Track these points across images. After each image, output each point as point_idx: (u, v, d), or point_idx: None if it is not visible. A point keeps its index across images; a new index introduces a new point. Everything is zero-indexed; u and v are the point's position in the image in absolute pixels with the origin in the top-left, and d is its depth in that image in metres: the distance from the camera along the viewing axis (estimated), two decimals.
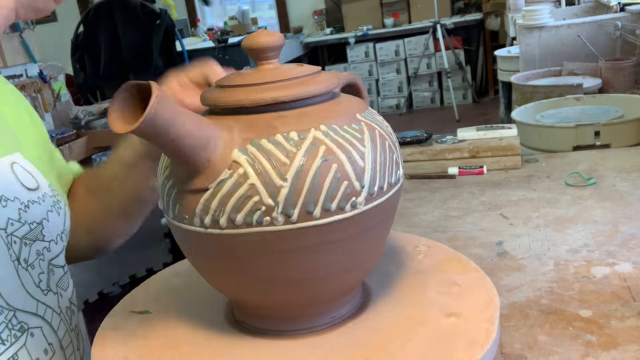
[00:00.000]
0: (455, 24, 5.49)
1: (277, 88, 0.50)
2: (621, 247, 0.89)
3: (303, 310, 0.55)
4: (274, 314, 0.56)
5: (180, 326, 0.59)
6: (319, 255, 0.50)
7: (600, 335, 0.68)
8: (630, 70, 2.25)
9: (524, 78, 2.51)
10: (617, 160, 1.27)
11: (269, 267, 0.50)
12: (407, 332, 0.54)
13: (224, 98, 0.51)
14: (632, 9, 2.57)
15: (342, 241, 0.50)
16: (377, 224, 0.53)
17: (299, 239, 0.48)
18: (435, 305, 0.58)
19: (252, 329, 0.57)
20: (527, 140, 1.63)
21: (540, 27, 2.76)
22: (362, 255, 0.53)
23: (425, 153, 1.35)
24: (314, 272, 0.51)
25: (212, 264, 0.53)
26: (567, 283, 0.80)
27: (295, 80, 0.51)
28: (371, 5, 5.79)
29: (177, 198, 0.50)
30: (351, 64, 5.79)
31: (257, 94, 0.50)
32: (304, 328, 0.55)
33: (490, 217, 1.06)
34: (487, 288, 0.60)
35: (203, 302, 0.62)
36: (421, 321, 0.55)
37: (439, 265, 0.65)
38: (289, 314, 0.55)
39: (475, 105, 5.58)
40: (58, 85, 2.96)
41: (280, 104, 0.50)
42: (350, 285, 0.56)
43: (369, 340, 0.53)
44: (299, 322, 0.55)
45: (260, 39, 0.53)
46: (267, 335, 0.55)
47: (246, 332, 0.56)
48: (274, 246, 0.48)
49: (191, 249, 0.54)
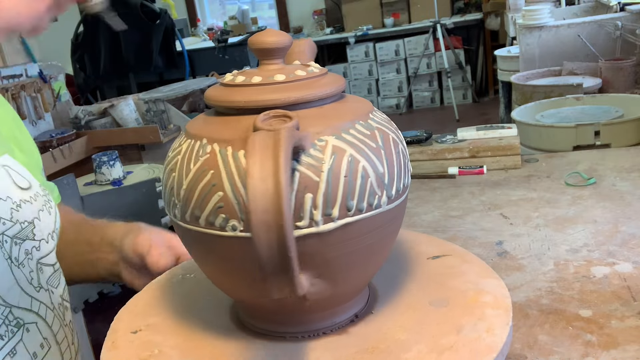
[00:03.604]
0: (455, 23, 5.49)
1: (288, 89, 0.50)
2: (621, 247, 0.89)
3: (308, 313, 0.55)
4: (279, 317, 0.55)
5: (185, 327, 0.59)
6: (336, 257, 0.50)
7: (600, 335, 0.68)
8: (630, 70, 2.25)
9: (524, 78, 2.51)
10: (617, 160, 1.27)
11: None
12: (412, 336, 0.54)
13: (228, 97, 0.51)
14: (632, 9, 2.57)
15: (358, 243, 0.50)
16: (393, 224, 0.53)
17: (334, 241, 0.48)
18: (441, 309, 0.57)
19: (257, 330, 0.56)
20: (527, 140, 1.63)
21: (540, 27, 2.76)
22: (372, 256, 0.53)
23: (425, 153, 1.35)
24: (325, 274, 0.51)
25: (217, 265, 0.53)
26: (567, 283, 0.80)
27: (305, 82, 0.51)
28: (371, 5, 5.79)
29: (183, 198, 0.50)
30: (351, 64, 5.79)
31: (269, 95, 0.50)
32: (309, 330, 0.55)
33: (490, 217, 1.06)
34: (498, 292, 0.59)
35: (208, 303, 0.62)
36: (427, 325, 0.55)
37: (448, 268, 0.65)
38: (294, 317, 0.55)
39: (475, 105, 5.58)
40: (58, 85, 2.96)
41: (292, 105, 0.50)
42: (356, 287, 0.56)
43: (374, 344, 0.53)
44: (304, 324, 0.55)
45: (267, 39, 0.53)
46: (272, 337, 0.55)
47: (251, 334, 0.56)
48: None
49: (196, 250, 0.54)
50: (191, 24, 6.16)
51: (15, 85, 2.64)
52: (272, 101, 0.49)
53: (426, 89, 5.78)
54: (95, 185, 2.37)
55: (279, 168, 0.40)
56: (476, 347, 0.52)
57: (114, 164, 2.37)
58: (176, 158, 0.51)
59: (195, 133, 0.51)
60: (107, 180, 2.35)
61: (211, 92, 0.54)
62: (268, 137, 0.42)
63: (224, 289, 0.57)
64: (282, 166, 0.40)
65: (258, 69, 0.54)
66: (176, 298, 0.65)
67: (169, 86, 3.23)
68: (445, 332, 0.54)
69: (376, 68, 5.77)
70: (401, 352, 0.51)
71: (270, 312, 0.55)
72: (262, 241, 0.39)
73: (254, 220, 0.39)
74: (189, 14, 6.33)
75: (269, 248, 0.39)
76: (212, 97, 0.53)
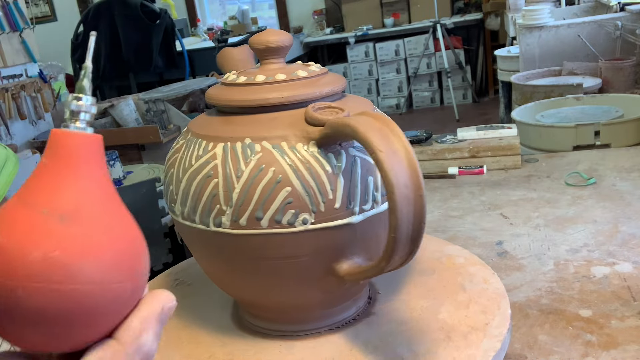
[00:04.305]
0: (455, 23, 5.48)
1: (287, 88, 0.50)
2: (621, 247, 0.89)
3: (309, 311, 0.55)
4: (279, 316, 0.55)
5: (185, 325, 0.59)
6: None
7: (600, 335, 0.68)
8: (630, 70, 2.25)
9: (524, 78, 2.50)
10: (617, 160, 1.27)
11: (279, 270, 0.50)
12: (412, 335, 0.54)
13: (229, 97, 0.51)
14: (632, 9, 2.57)
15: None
16: (377, 232, 0.53)
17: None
18: (432, 331, 0.57)
19: (257, 329, 0.56)
20: (527, 140, 1.63)
21: (540, 27, 2.76)
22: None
23: (425, 153, 1.35)
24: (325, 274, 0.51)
25: (219, 264, 0.53)
26: (567, 283, 0.80)
27: (306, 81, 0.51)
28: (371, 5, 5.79)
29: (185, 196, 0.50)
30: (351, 64, 5.79)
31: (268, 94, 0.50)
32: (309, 329, 0.55)
33: (490, 217, 1.06)
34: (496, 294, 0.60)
35: (208, 301, 0.62)
36: (427, 325, 0.55)
37: (449, 269, 0.65)
38: (294, 316, 0.55)
39: (475, 105, 5.58)
40: (58, 85, 2.96)
41: (292, 104, 0.50)
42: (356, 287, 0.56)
43: (374, 343, 0.53)
44: (304, 323, 0.55)
45: (268, 38, 0.53)
46: (272, 336, 0.55)
47: (251, 333, 0.56)
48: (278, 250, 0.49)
49: (199, 248, 0.54)
50: (191, 24, 6.16)
51: (15, 85, 2.64)
52: (272, 100, 0.49)
53: (426, 89, 5.78)
54: None
55: (407, 145, 0.43)
56: (488, 294, 0.58)
57: (114, 164, 2.36)
58: (212, 163, 0.49)
59: (229, 135, 0.49)
60: None
61: (212, 91, 0.54)
62: (375, 119, 0.44)
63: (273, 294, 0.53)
64: (408, 143, 0.43)
65: (259, 68, 0.54)
66: (175, 295, 0.65)
67: (169, 86, 3.23)
68: (453, 291, 0.59)
69: (376, 68, 5.77)
70: (402, 353, 0.51)
71: (286, 311, 0.55)
72: (403, 214, 0.42)
73: (398, 195, 0.41)
74: (189, 14, 6.33)
75: (408, 220, 0.42)
76: (236, 98, 0.52)
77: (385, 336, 0.54)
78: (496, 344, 0.52)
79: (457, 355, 0.51)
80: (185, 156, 0.51)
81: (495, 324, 0.54)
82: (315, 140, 0.47)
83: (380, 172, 0.42)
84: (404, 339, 0.54)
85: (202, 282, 0.66)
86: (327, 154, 0.47)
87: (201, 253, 0.54)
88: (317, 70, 0.54)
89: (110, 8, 3.68)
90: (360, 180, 0.48)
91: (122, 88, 4.00)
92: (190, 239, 0.53)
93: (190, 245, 0.54)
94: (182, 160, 0.51)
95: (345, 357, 0.52)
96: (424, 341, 0.53)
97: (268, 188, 0.47)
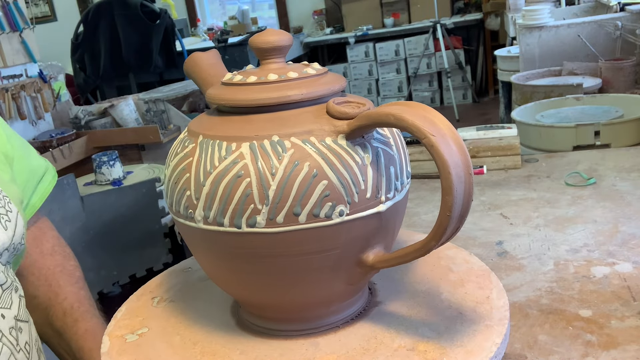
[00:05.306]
0: (455, 23, 5.48)
1: (287, 87, 0.51)
2: (621, 247, 0.89)
3: (328, 306, 0.55)
4: (279, 315, 0.55)
5: (185, 324, 0.58)
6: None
7: (600, 335, 0.68)
8: (630, 70, 2.25)
9: (524, 78, 2.51)
10: (617, 160, 1.27)
11: (281, 268, 0.50)
12: (427, 317, 0.54)
13: (244, 96, 0.51)
14: (632, 9, 2.57)
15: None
16: (395, 220, 0.54)
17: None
18: (443, 310, 0.58)
19: (256, 328, 0.56)
20: (527, 140, 1.63)
21: (540, 27, 2.76)
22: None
23: (425, 153, 1.35)
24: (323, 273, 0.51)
25: (219, 262, 0.53)
26: (567, 283, 0.80)
27: (306, 80, 0.52)
28: (371, 5, 5.79)
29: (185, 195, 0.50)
30: (351, 64, 5.79)
31: (286, 91, 0.50)
32: (309, 329, 0.55)
33: (490, 217, 1.06)
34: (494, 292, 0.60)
35: (208, 300, 0.62)
36: (436, 305, 0.56)
37: (450, 270, 0.65)
38: (294, 315, 0.55)
39: (475, 105, 5.58)
40: (58, 85, 2.96)
41: (308, 101, 0.50)
42: (355, 287, 0.56)
43: (373, 343, 0.53)
44: (303, 322, 0.55)
45: (268, 38, 0.53)
46: (272, 335, 0.55)
47: (251, 332, 0.56)
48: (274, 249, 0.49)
49: (198, 247, 0.54)
50: (191, 24, 6.16)
51: (15, 85, 2.64)
52: (292, 97, 0.50)
53: (426, 89, 5.78)
54: (95, 185, 2.37)
55: (452, 127, 0.46)
56: (475, 272, 0.61)
57: (114, 164, 2.37)
58: (241, 163, 0.48)
59: (253, 134, 0.49)
60: (107, 180, 2.35)
61: (212, 91, 0.54)
62: (413, 107, 0.46)
63: (296, 292, 0.53)
64: (452, 125, 0.46)
65: (259, 68, 0.54)
66: (175, 294, 0.65)
67: (169, 86, 3.23)
68: (443, 274, 0.62)
69: (376, 68, 5.77)
70: (402, 353, 0.51)
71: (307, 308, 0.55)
72: (458, 192, 0.45)
73: (454, 175, 0.44)
74: (189, 14, 6.33)
75: (461, 198, 0.46)
76: (254, 97, 0.51)
77: (402, 321, 0.55)
78: (505, 313, 0.54)
79: (476, 328, 0.53)
80: (204, 159, 0.49)
81: (495, 296, 0.57)
82: (344, 134, 0.49)
83: (433, 155, 0.44)
84: (421, 321, 0.55)
85: (204, 280, 0.66)
86: (355, 146, 0.49)
87: (222, 257, 0.52)
88: (317, 70, 0.54)
89: (110, 8, 3.68)
90: (385, 170, 0.50)
91: (122, 88, 4.00)
92: (211, 244, 0.51)
93: (209, 250, 0.52)
94: (200, 164, 0.50)
95: (374, 343, 0.52)
96: (441, 320, 0.55)
97: (305, 183, 0.47)
